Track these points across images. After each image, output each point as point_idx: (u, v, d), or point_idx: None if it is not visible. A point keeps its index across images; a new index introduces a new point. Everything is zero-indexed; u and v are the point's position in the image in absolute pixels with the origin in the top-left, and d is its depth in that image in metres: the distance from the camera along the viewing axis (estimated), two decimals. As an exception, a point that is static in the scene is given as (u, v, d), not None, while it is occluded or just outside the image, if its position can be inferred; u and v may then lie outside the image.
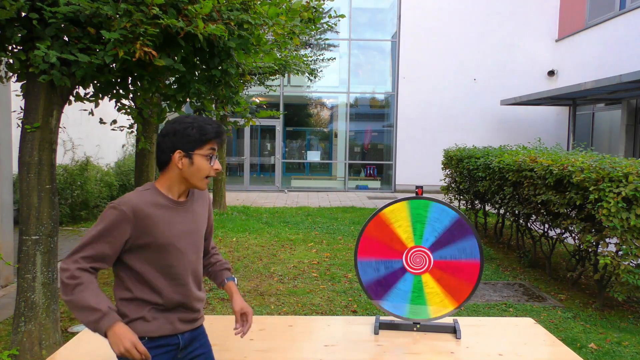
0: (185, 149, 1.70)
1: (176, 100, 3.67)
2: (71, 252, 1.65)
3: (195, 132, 1.70)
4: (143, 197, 1.70)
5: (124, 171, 9.96)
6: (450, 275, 2.58)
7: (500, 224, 7.68)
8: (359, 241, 2.65)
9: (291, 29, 4.13)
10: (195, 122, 1.72)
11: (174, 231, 1.74)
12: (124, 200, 1.67)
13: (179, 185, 1.76)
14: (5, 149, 5.15)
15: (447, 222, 2.56)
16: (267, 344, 2.46)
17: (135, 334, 1.63)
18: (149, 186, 1.76)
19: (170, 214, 1.74)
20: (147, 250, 1.70)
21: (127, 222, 1.65)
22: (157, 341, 1.73)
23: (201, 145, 1.71)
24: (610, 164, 4.53)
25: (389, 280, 2.64)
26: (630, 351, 3.85)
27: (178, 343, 1.78)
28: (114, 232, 1.65)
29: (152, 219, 1.69)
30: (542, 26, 14.68)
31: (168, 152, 1.71)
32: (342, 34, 15.43)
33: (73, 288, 1.59)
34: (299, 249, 6.93)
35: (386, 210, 2.61)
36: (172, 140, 1.71)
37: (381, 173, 15.98)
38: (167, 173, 1.75)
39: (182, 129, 1.71)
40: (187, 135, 1.70)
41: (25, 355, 3.30)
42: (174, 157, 1.71)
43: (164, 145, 1.72)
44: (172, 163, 1.72)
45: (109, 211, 1.66)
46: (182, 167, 1.72)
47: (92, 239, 1.64)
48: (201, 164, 1.72)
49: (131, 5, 2.83)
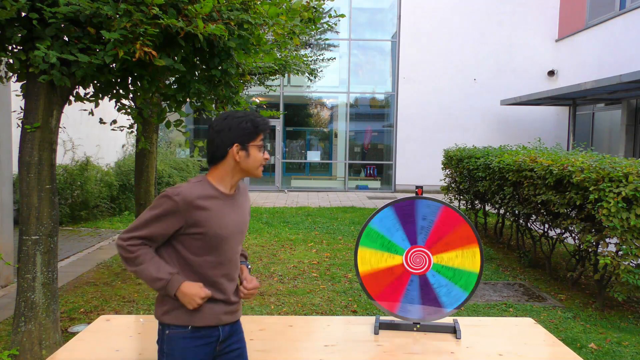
0: (242, 142, 1.80)
1: (176, 100, 3.67)
2: (124, 231, 1.78)
3: (250, 126, 1.81)
4: (195, 188, 1.78)
5: (124, 171, 9.95)
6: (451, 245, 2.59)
7: (500, 224, 7.68)
8: (356, 256, 2.65)
9: (291, 29, 4.13)
10: (247, 117, 1.83)
11: (225, 222, 1.82)
12: (177, 190, 1.75)
13: (233, 177, 1.85)
14: (5, 149, 5.15)
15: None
16: (267, 344, 2.46)
17: (198, 285, 1.76)
18: (201, 178, 1.84)
19: (222, 206, 1.82)
20: (200, 241, 1.77)
21: (178, 213, 1.74)
22: (200, 331, 1.79)
23: (255, 137, 1.82)
24: (610, 164, 4.53)
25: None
26: (630, 351, 3.85)
27: (219, 335, 1.84)
28: (165, 219, 1.74)
29: (204, 211, 1.77)
30: (542, 26, 14.67)
31: (225, 146, 1.80)
32: (342, 34, 15.43)
33: (133, 261, 1.74)
34: (299, 249, 6.93)
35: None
36: (228, 135, 1.80)
37: (381, 173, 15.98)
38: (222, 166, 1.83)
39: (236, 124, 1.80)
40: (243, 129, 1.80)
41: (25, 355, 3.30)
42: (231, 151, 1.81)
43: (219, 140, 1.80)
44: (228, 156, 1.81)
45: (162, 199, 1.75)
46: (239, 160, 1.81)
47: (144, 223, 1.75)
48: (256, 155, 1.83)
49: (131, 5, 2.83)
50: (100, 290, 5.04)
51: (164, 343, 1.78)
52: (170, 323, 1.77)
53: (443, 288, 2.60)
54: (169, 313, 1.77)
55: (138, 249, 1.74)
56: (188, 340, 1.76)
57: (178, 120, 4.03)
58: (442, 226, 2.58)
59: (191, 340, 1.76)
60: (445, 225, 2.57)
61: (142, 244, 1.76)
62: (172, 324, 1.77)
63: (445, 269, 2.60)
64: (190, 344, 1.76)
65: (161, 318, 1.79)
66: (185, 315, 1.76)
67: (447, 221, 2.57)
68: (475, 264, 2.57)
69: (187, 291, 1.73)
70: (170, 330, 1.77)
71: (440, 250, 2.60)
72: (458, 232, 2.57)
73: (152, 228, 1.75)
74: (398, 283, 2.63)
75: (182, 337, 1.76)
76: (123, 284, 5.26)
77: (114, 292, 4.99)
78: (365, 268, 2.65)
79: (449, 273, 2.60)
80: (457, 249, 2.58)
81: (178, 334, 1.76)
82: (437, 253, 2.60)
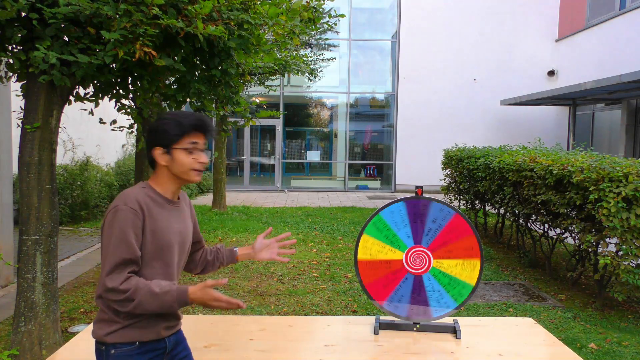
0: (164, 145, 1.69)
1: (176, 100, 3.67)
2: (102, 278, 1.60)
3: (172, 127, 1.68)
4: (143, 194, 1.68)
5: (124, 171, 9.96)
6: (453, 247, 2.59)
7: (500, 224, 7.68)
8: (358, 241, 2.65)
9: (291, 29, 4.13)
10: (173, 117, 1.70)
11: (171, 230, 1.73)
12: (129, 198, 1.64)
13: (171, 183, 1.75)
14: (5, 149, 5.15)
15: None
16: (267, 344, 2.46)
17: (207, 286, 1.63)
18: (144, 184, 1.74)
19: (167, 213, 1.73)
20: (146, 247, 1.67)
21: (138, 217, 1.62)
22: (147, 345, 1.73)
23: (178, 139, 1.69)
24: (610, 164, 4.53)
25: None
26: (630, 351, 3.85)
27: (165, 347, 1.79)
28: (130, 230, 1.61)
29: (154, 216, 1.68)
30: (542, 26, 14.68)
31: (149, 150, 1.71)
32: (342, 34, 15.43)
33: (130, 299, 1.58)
34: (299, 249, 6.93)
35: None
36: (151, 138, 1.71)
37: (381, 173, 15.98)
38: (157, 171, 1.74)
39: (159, 125, 1.70)
40: (165, 131, 1.68)
41: (25, 355, 3.30)
42: (155, 155, 1.70)
43: (147, 143, 1.73)
44: (157, 162, 1.72)
45: (117, 214, 1.61)
46: (166, 164, 1.71)
47: (114, 248, 1.59)
48: (182, 159, 1.69)
49: (131, 5, 2.83)
50: (100, 290, 5.04)
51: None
52: (116, 342, 1.68)
53: (435, 293, 2.61)
54: (115, 332, 1.68)
55: (130, 283, 1.58)
56: (136, 356, 1.69)
57: (178, 120, 4.03)
58: (449, 232, 2.57)
59: (140, 356, 1.70)
60: (453, 232, 2.57)
61: (130, 276, 1.60)
62: (118, 342, 1.68)
63: (442, 275, 2.60)
64: (139, 359, 1.70)
65: (105, 339, 1.68)
66: (132, 332, 1.69)
67: (456, 229, 2.57)
68: (473, 277, 2.57)
69: (200, 295, 1.62)
70: (117, 349, 1.68)
71: (443, 255, 2.59)
72: (464, 242, 2.56)
73: (125, 248, 1.59)
74: (392, 277, 2.63)
75: (130, 354, 1.69)
76: (123, 284, 5.25)
77: (114, 292, 4.99)
78: (365, 256, 2.64)
79: (444, 280, 2.60)
80: (459, 258, 2.57)
81: (125, 351, 1.68)
82: (439, 258, 2.60)
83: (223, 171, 10.27)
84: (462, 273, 2.58)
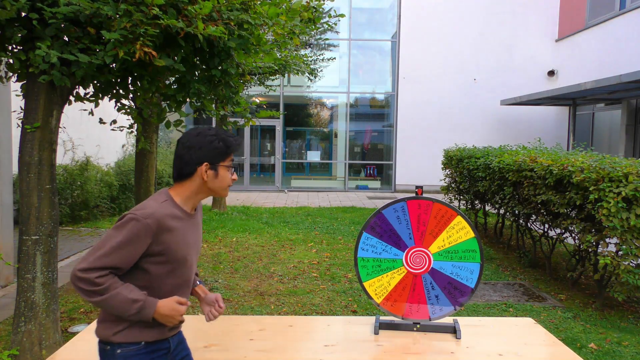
0: (212, 161, 1.76)
1: (176, 100, 3.67)
2: (87, 259, 1.61)
3: (222, 145, 1.77)
4: (164, 209, 1.71)
5: (124, 171, 9.95)
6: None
7: (500, 224, 7.68)
8: (358, 241, 2.66)
9: (291, 29, 4.13)
10: (219, 136, 1.78)
11: (187, 243, 1.77)
12: (148, 212, 1.65)
13: (197, 195, 1.81)
14: (5, 149, 5.16)
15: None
16: (267, 344, 2.46)
17: (173, 301, 1.71)
18: (166, 196, 1.77)
19: (184, 227, 1.77)
20: (161, 264, 1.71)
21: (149, 235, 1.65)
22: (153, 345, 1.76)
23: (226, 157, 1.79)
24: (610, 164, 4.53)
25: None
26: (630, 351, 3.85)
27: (169, 346, 1.83)
28: (134, 244, 1.63)
29: (171, 232, 1.71)
30: (542, 26, 14.67)
31: (193, 164, 1.75)
32: (342, 34, 15.43)
33: (100, 292, 1.60)
34: (299, 249, 6.93)
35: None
36: (198, 153, 1.75)
37: (381, 173, 15.98)
38: (188, 184, 1.78)
39: (207, 142, 1.76)
40: (214, 149, 1.76)
41: (25, 355, 3.30)
42: (200, 169, 1.75)
43: (189, 157, 1.75)
44: (196, 175, 1.76)
45: (130, 223, 1.63)
46: (207, 179, 1.77)
47: (111, 250, 1.61)
48: (225, 175, 1.80)
49: (131, 5, 2.83)
50: (100, 290, 5.03)
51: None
52: (122, 342, 1.71)
53: (454, 269, 2.62)
54: (121, 332, 1.71)
55: (106, 279, 1.61)
56: (141, 356, 1.73)
57: (178, 120, 4.04)
58: (417, 219, 2.60)
59: (145, 356, 1.74)
60: (419, 216, 2.60)
61: (110, 274, 1.63)
62: (124, 342, 1.71)
63: (445, 253, 2.61)
64: (144, 358, 1.74)
65: (111, 338, 1.71)
66: (138, 332, 1.72)
67: (419, 212, 2.60)
68: (469, 233, 2.59)
69: (164, 311, 1.68)
70: (122, 349, 1.71)
71: (431, 241, 2.61)
72: (433, 214, 2.58)
73: (120, 255, 1.62)
74: (411, 287, 2.66)
75: (135, 353, 1.72)
76: (123, 284, 5.25)
77: (114, 292, 4.99)
78: (377, 297, 2.69)
79: (449, 256, 2.62)
80: (443, 231, 2.60)
81: (131, 351, 1.72)
82: (430, 245, 2.61)
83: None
84: (459, 237, 2.60)
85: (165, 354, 1.81)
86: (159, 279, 1.73)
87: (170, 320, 1.71)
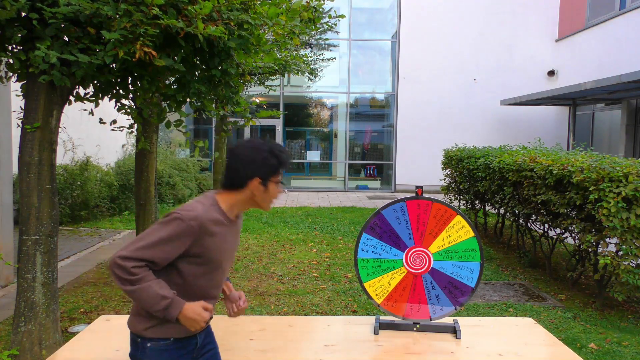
0: (263, 177, 1.80)
1: (176, 100, 3.67)
2: (127, 248, 1.65)
3: (275, 162, 1.81)
4: (209, 213, 1.74)
5: (124, 171, 9.95)
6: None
7: (500, 224, 7.68)
8: (358, 241, 2.66)
9: (291, 29, 4.13)
10: (272, 152, 1.81)
11: (225, 249, 1.82)
12: (193, 214, 1.69)
13: (244, 206, 1.85)
14: (5, 149, 5.16)
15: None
16: (267, 344, 2.46)
17: (199, 306, 1.73)
18: (212, 200, 1.80)
19: (225, 232, 1.81)
20: (197, 265, 1.76)
21: (191, 237, 1.69)
22: (181, 342, 1.82)
23: (277, 173, 1.83)
24: (610, 164, 4.53)
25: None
26: (630, 351, 3.85)
27: (197, 342, 1.88)
28: (175, 242, 1.68)
29: (212, 237, 1.75)
30: (542, 26, 14.67)
31: (246, 177, 1.79)
32: (342, 34, 15.43)
33: (133, 282, 1.64)
34: (299, 249, 6.93)
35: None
36: (251, 167, 1.79)
37: (381, 173, 15.98)
38: (236, 194, 1.82)
39: (261, 158, 1.79)
40: (268, 165, 1.80)
41: (25, 355, 3.30)
42: (251, 183, 1.79)
43: (242, 171, 1.79)
44: (246, 188, 1.80)
45: (175, 221, 1.67)
46: (257, 193, 1.81)
47: (152, 244, 1.66)
48: (273, 190, 1.84)
49: (131, 5, 2.83)
50: (100, 290, 5.04)
51: (145, 356, 1.78)
52: (153, 337, 1.76)
53: (454, 269, 2.62)
54: (152, 328, 1.76)
55: (141, 271, 1.65)
56: (170, 351, 1.79)
57: (178, 120, 4.03)
58: (417, 219, 2.60)
59: (174, 351, 1.79)
60: (419, 216, 2.60)
61: (146, 266, 1.67)
62: (155, 337, 1.76)
63: (445, 253, 2.61)
64: (173, 354, 1.79)
65: (142, 333, 1.77)
66: (168, 328, 1.77)
67: (418, 212, 2.60)
68: (468, 233, 2.59)
69: (191, 314, 1.71)
70: (153, 343, 1.77)
71: (431, 241, 2.61)
72: (433, 213, 2.59)
73: (160, 251, 1.67)
74: (411, 287, 2.65)
75: (165, 348, 1.78)
76: (123, 284, 5.25)
77: (114, 292, 4.99)
78: (377, 298, 2.69)
79: (449, 255, 2.62)
80: (442, 230, 2.60)
81: (160, 346, 1.77)
82: (429, 245, 2.62)
83: (223, 171, 10.27)
84: (458, 236, 2.60)
85: (193, 350, 1.87)
86: (191, 280, 1.77)
87: (193, 324, 1.73)
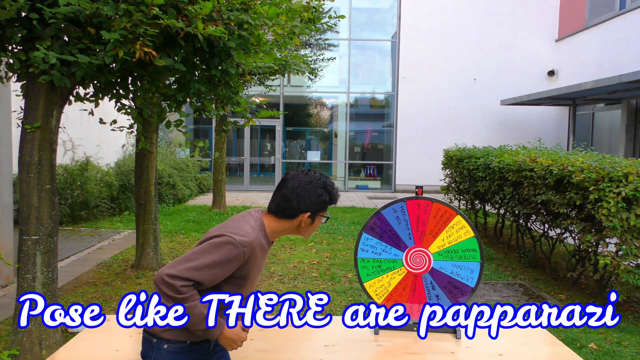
0: (314, 212, 1.87)
1: (176, 100, 3.67)
2: (176, 267, 1.67)
3: (327, 199, 1.88)
4: (259, 240, 1.80)
5: (124, 171, 9.95)
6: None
7: (500, 224, 7.68)
8: (358, 241, 2.66)
9: (291, 29, 4.12)
10: (326, 188, 1.87)
11: (259, 268, 1.89)
12: (246, 241, 1.73)
13: (286, 233, 1.91)
14: (5, 149, 5.15)
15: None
16: (267, 344, 2.46)
17: (239, 327, 1.81)
18: (260, 224, 1.85)
19: (263, 257, 1.88)
20: (238, 280, 1.82)
21: (240, 262, 1.74)
22: (196, 345, 1.86)
23: (326, 209, 1.91)
24: (610, 164, 4.53)
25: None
26: (630, 351, 3.85)
27: (209, 345, 1.92)
28: (226, 267, 1.72)
29: (256, 260, 1.82)
30: (542, 26, 14.67)
31: (299, 211, 1.85)
32: (342, 34, 15.42)
33: (179, 301, 1.69)
34: (299, 249, 6.93)
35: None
36: (306, 203, 1.84)
37: (381, 173, 15.98)
38: (284, 223, 1.87)
39: (317, 195, 1.85)
40: (321, 202, 1.86)
41: (25, 355, 3.30)
42: (301, 217, 1.86)
43: (296, 203, 1.84)
44: (295, 219, 1.86)
45: (228, 246, 1.71)
46: (304, 225, 1.88)
47: (202, 267, 1.68)
48: (318, 223, 1.92)
49: (131, 5, 2.83)
50: (100, 290, 5.04)
51: (160, 356, 1.82)
52: (170, 339, 1.80)
53: (454, 269, 2.62)
54: (172, 330, 1.80)
55: (188, 290, 1.68)
56: (186, 353, 1.83)
57: (178, 120, 4.03)
58: (417, 219, 2.60)
59: (188, 354, 1.83)
60: (419, 216, 2.60)
61: (192, 286, 1.70)
62: (172, 339, 1.81)
63: (445, 253, 2.61)
64: (187, 357, 1.83)
65: (161, 334, 1.81)
66: (186, 332, 1.81)
67: (418, 212, 2.60)
68: (468, 232, 2.59)
69: (232, 335, 1.79)
70: (170, 345, 1.81)
71: (431, 241, 2.61)
72: (433, 213, 2.58)
73: (209, 274, 1.70)
74: (411, 287, 2.65)
75: (180, 351, 1.82)
76: (123, 284, 5.26)
77: (114, 292, 4.99)
78: (377, 298, 2.68)
79: (449, 255, 2.61)
80: (442, 230, 2.60)
81: (176, 348, 1.81)
82: (429, 245, 2.61)
83: (223, 171, 10.27)
84: (458, 236, 2.59)
85: (205, 353, 1.92)
86: (224, 294, 1.82)
87: (231, 345, 1.80)
